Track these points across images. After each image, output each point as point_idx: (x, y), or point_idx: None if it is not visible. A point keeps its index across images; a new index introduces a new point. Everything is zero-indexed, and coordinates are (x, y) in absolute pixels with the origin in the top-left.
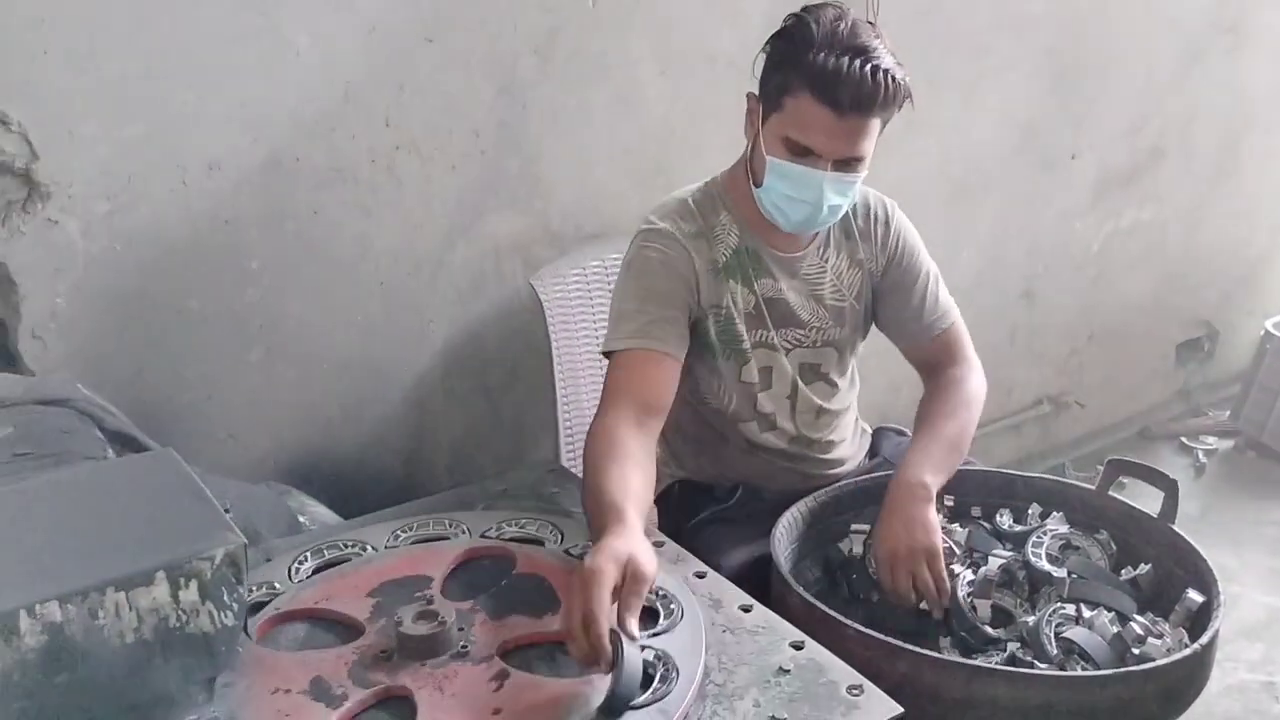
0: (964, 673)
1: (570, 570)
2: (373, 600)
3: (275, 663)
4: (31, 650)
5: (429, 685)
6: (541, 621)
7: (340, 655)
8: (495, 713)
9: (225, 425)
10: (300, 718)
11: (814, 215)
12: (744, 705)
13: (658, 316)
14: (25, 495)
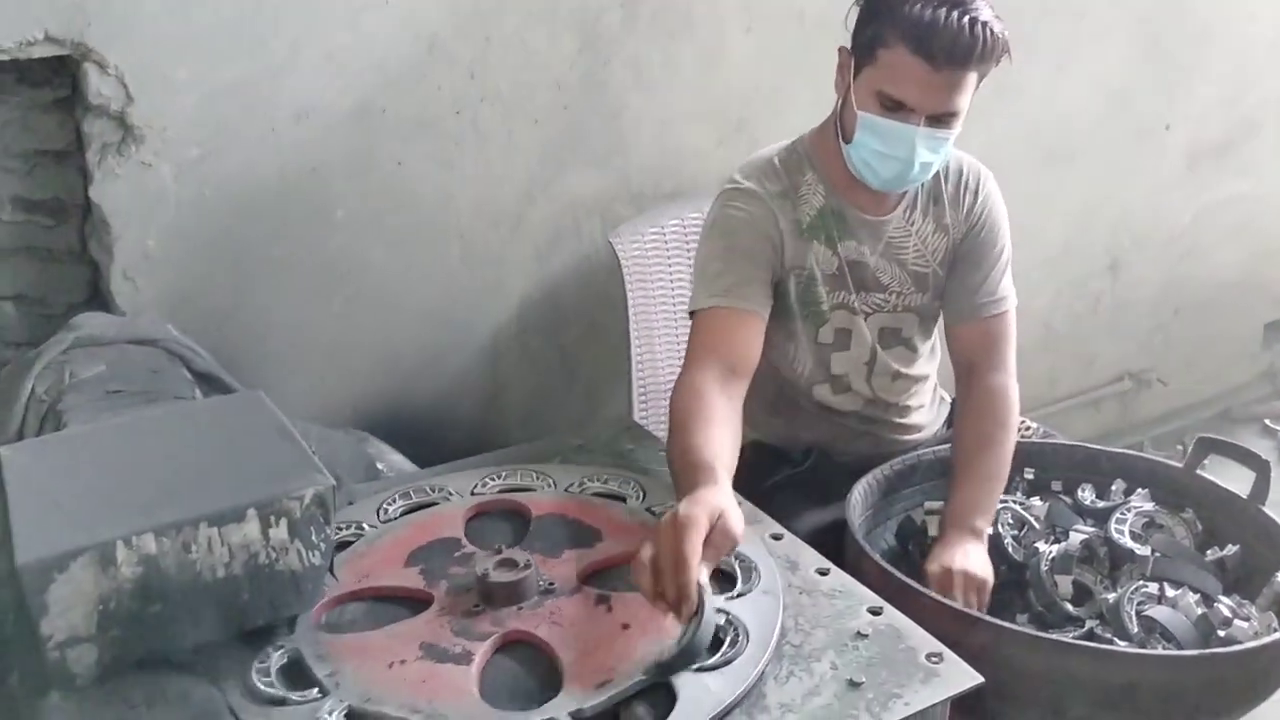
0: (1045, 647)
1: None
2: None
3: (367, 643)
4: (128, 580)
5: (543, 623)
6: (597, 550)
7: (428, 620)
8: (625, 627)
9: (308, 371)
10: (442, 679)
11: (905, 172)
12: (821, 667)
13: (743, 276)
14: (120, 431)
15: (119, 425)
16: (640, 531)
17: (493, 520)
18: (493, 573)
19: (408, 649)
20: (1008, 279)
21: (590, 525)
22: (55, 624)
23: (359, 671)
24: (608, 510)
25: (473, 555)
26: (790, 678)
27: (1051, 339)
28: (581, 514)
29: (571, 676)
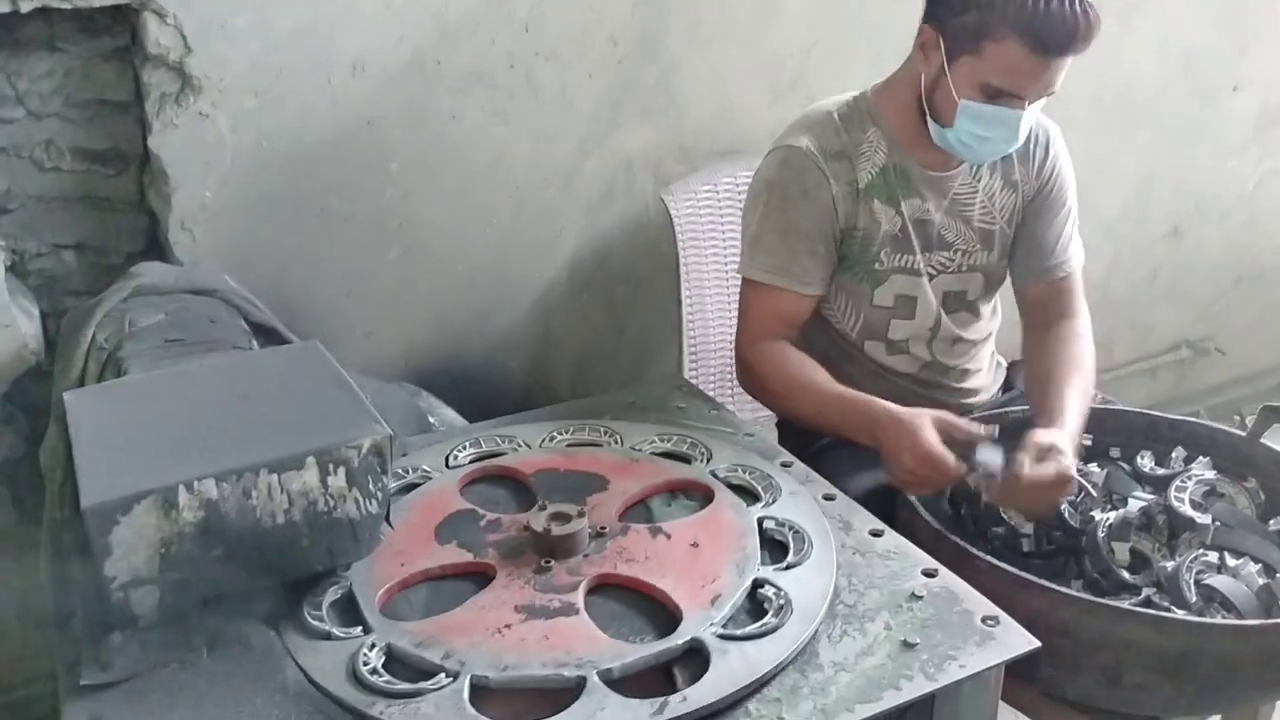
0: (1102, 613)
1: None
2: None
3: (463, 619)
4: (189, 524)
5: (617, 561)
6: (613, 493)
7: (508, 586)
8: (694, 545)
9: (361, 324)
10: (566, 631)
11: (1004, 148)
12: (875, 627)
13: (801, 251)
14: (181, 379)
15: (179, 373)
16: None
17: (556, 477)
18: (553, 528)
19: (503, 615)
20: (1077, 236)
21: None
22: (118, 566)
23: (476, 647)
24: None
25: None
26: (844, 637)
27: (1109, 306)
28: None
29: (681, 598)
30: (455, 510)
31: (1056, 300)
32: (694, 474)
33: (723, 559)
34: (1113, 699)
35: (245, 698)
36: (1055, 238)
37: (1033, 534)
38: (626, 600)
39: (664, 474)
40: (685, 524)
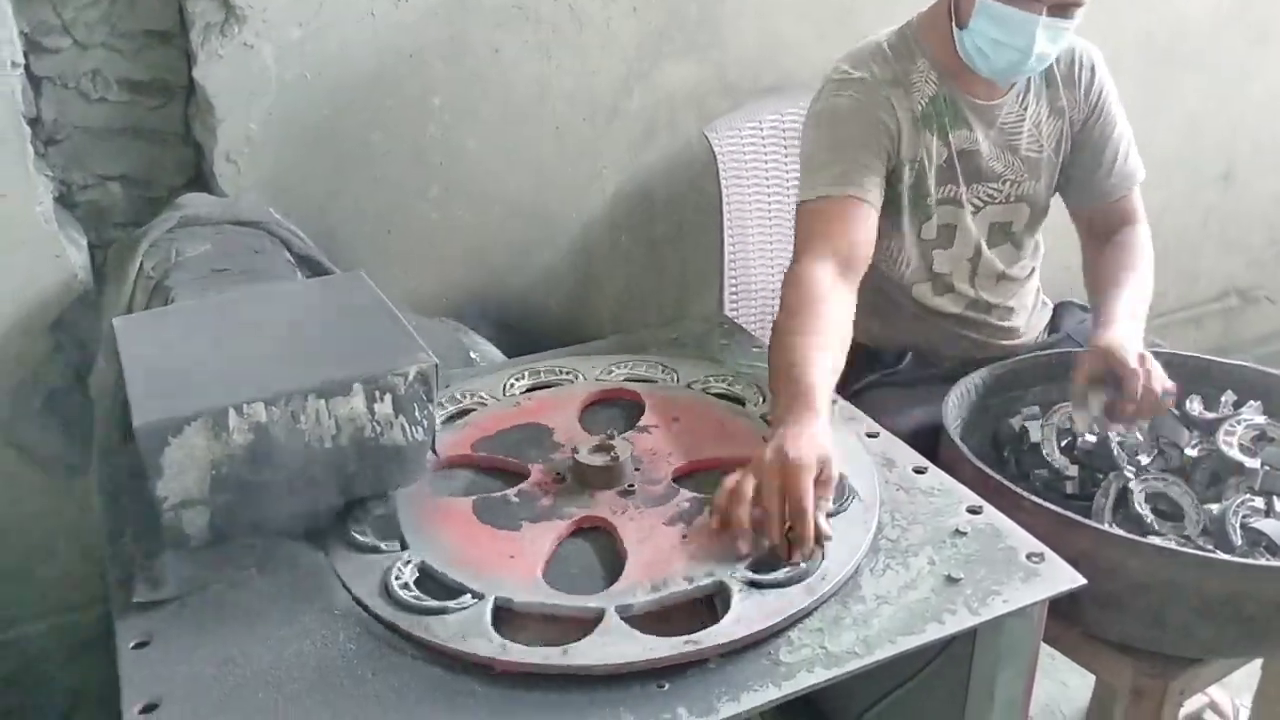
0: (1147, 553)
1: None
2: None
3: (496, 542)
4: (239, 447)
5: (620, 514)
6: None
7: (545, 514)
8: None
9: (402, 260)
10: (593, 563)
11: (1020, 63)
12: (918, 562)
13: (855, 163)
14: (228, 306)
15: (227, 301)
16: (751, 441)
17: (608, 409)
18: (595, 460)
19: (538, 542)
20: (1134, 153)
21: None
22: (170, 486)
23: (503, 571)
24: (720, 414)
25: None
26: (887, 571)
27: (1157, 251)
28: (693, 415)
29: (633, 569)
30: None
31: (1115, 217)
32: (746, 420)
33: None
34: (1155, 640)
35: (294, 615)
36: (1112, 159)
37: (1076, 476)
38: (601, 550)
39: (716, 418)
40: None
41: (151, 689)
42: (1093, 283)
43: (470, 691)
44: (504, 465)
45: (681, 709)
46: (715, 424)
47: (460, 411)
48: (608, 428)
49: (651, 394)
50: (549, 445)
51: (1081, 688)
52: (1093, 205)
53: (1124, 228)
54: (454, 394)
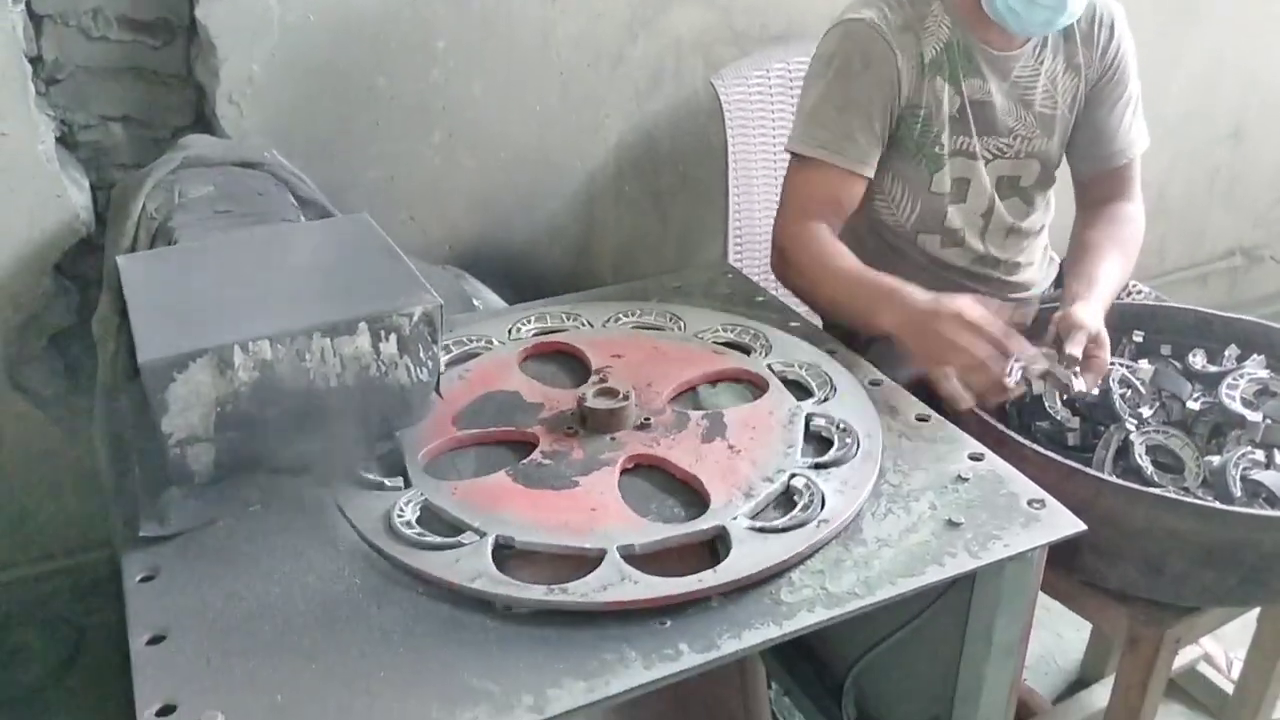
0: (1147, 501)
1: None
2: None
3: (499, 483)
4: (244, 384)
5: (656, 443)
6: (668, 377)
7: (548, 456)
8: (737, 436)
9: (406, 207)
10: (595, 505)
11: (1053, 19)
12: (919, 506)
13: (854, 127)
14: (233, 246)
15: (231, 241)
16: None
17: (545, 363)
18: (599, 404)
19: (541, 482)
20: (1140, 121)
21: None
22: (175, 423)
23: (505, 510)
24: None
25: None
26: (888, 515)
27: (1163, 209)
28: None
29: (714, 486)
30: (510, 381)
31: (1113, 185)
32: (751, 365)
33: (763, 452)
34: (1154, 588)
35: (300, 551)
36: (1117, 124)
37: (1078, 428)
38: (660, 483)
39: (721, 364)
40: (731, 413)
41: (158, 621)
42: (1075, 250)
43: (477, 626)
44: (507, 437)
45: (684, 645)
46: (653, 351)
47: (464, 355)
48: (559, 380)
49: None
50: (525, 406)
51: (1076, 641)
52: (1094, 168)
53: (1119, 201)
54: (460, 337)
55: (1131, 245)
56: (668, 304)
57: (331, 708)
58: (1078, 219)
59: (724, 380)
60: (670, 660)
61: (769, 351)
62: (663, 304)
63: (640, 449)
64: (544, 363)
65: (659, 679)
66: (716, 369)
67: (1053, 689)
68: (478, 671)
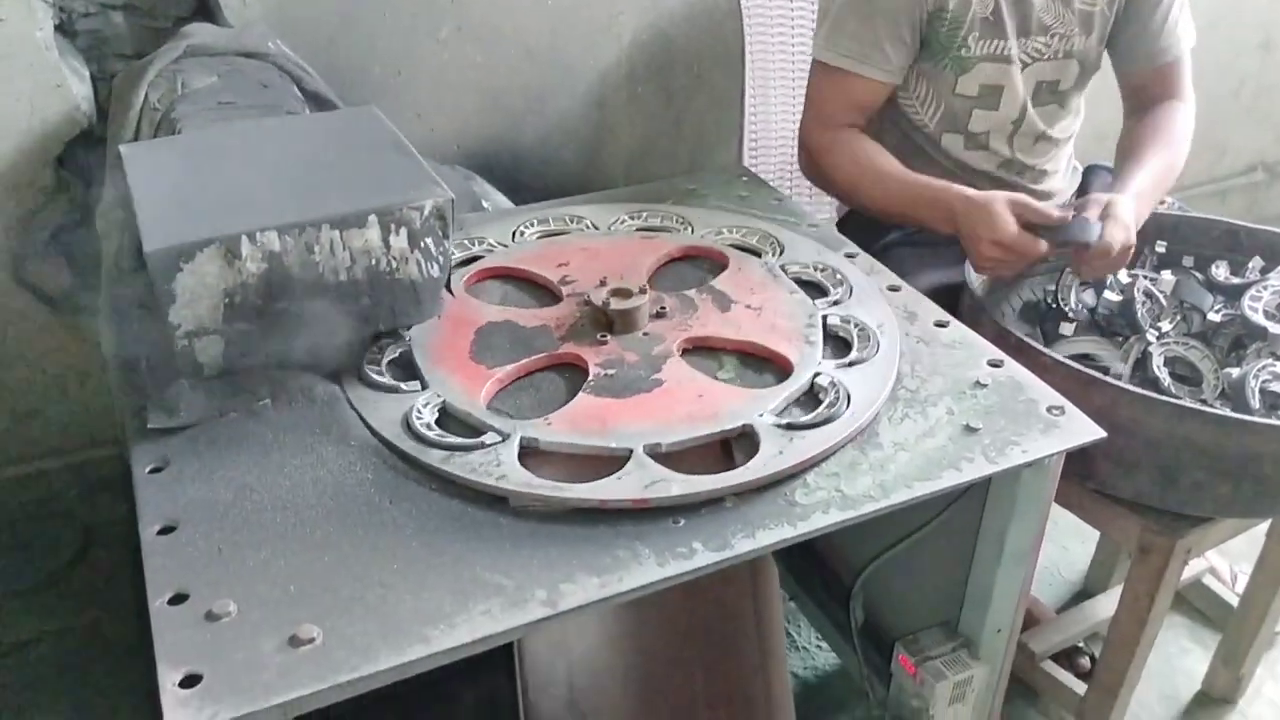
0: (1167, 411)
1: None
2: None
3: (516, 384)
4: (252, 276)
5: (674, 342)
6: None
7: (562, 357)
8: (754, 339)
9: (413, 104)
10: (617, 404)
11: None
12: (936, 412)
13: (885, 37)
14: (239, 137)
15: (237, 131)
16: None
17: (696, 266)
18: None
19: (560, 383)
20: (1186, 16)
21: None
22: (182, 314)
23: (526, 411)
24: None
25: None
26: (905, 419)
27: None
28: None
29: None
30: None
31: (1161, 84)
32: (700, 241)
33: (784, 351)
34: (1167, 499)
35: (311, 446)
36: (1162, 19)
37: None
38: (717, 358)
39: (777, 308)
40: (722, 282)
41: (168, 512)
42: (1120, 152)
43: (490, 523)
44: (534, 278)
45: (697, 543)
46: (772, 311)
47: (471, 257)
48: (688, 282)
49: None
50: (529, 332)
51: (1082, 554)
52: (1139, 68)
53: (1167, 101)
54: (465, 238)
55: (1180, 144)
56: (679, 206)
57: (344, 598)
58: (1124, 127)
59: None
60: (684, 559)
61: (780, 253)
62: (674, 206)
63: (659, 349)
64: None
65: (672, 576)
66: (758, 344)
67: (1056, 600)
68: (490, 566)
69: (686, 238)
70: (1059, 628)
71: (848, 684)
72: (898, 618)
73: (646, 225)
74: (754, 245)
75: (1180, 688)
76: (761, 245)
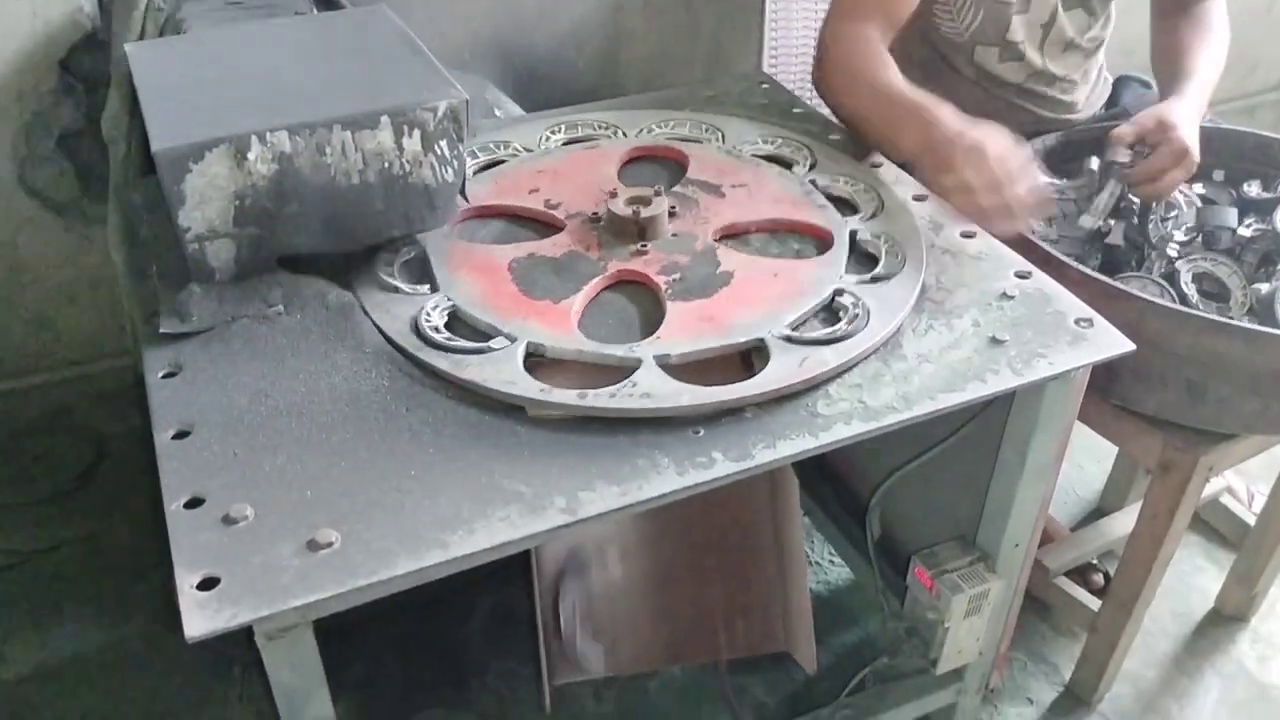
0: (1196, 325)
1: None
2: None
3: (528, 289)
4: (262, 177)
5: (693, 255)
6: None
7: (578, 262)
8: (778, 249)
9: (423, 9)
10: (627, 314)
11: None
12: (962, 324)
13: None
14: (247, 37)
15: (245, 32)
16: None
17: (651, 166)
18: (630, 211)
19: (571, 291)
20: None
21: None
22: (192, 216)
23: (535, 317)
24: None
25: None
26: (929, 331)
27: None
28: (735, 177)
29: (672, 322)
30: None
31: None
32: (817, 218)
33: (806, 266)
34: (1193, 414)
35: (325, 352)
36: None
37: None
38: (640, 303)
39: (766, 184)
40: (745, 193)
41: (182, 416)
42: (1160, 59)
43: (507, 431)
44: (537, 216)
45: (717, 453)
46: (762, 189)
47: (491, 162)
48: (652, 183)
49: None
50: (581, 201)
51: (1097, 473)
52: None
53: (1199, 3)
54: (485, 143)
55: (1219, 46)
56: (702, 114)
57: (361, 503)
58: (1155, 26)
59: (775, 230)
60: (704, 468)
61: (812, 166)
62: (696, 114)
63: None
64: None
65: (692, 485)
66: (767, 218)
67: (1071, 519)
68: (508, 474)
69: (633, 142)
70: (1073, 544)
71: (860, 598)
72: (914, 532)
73: (675, 135)
74: (788, 156)
75: (1193, 605)
76: (795, 156)
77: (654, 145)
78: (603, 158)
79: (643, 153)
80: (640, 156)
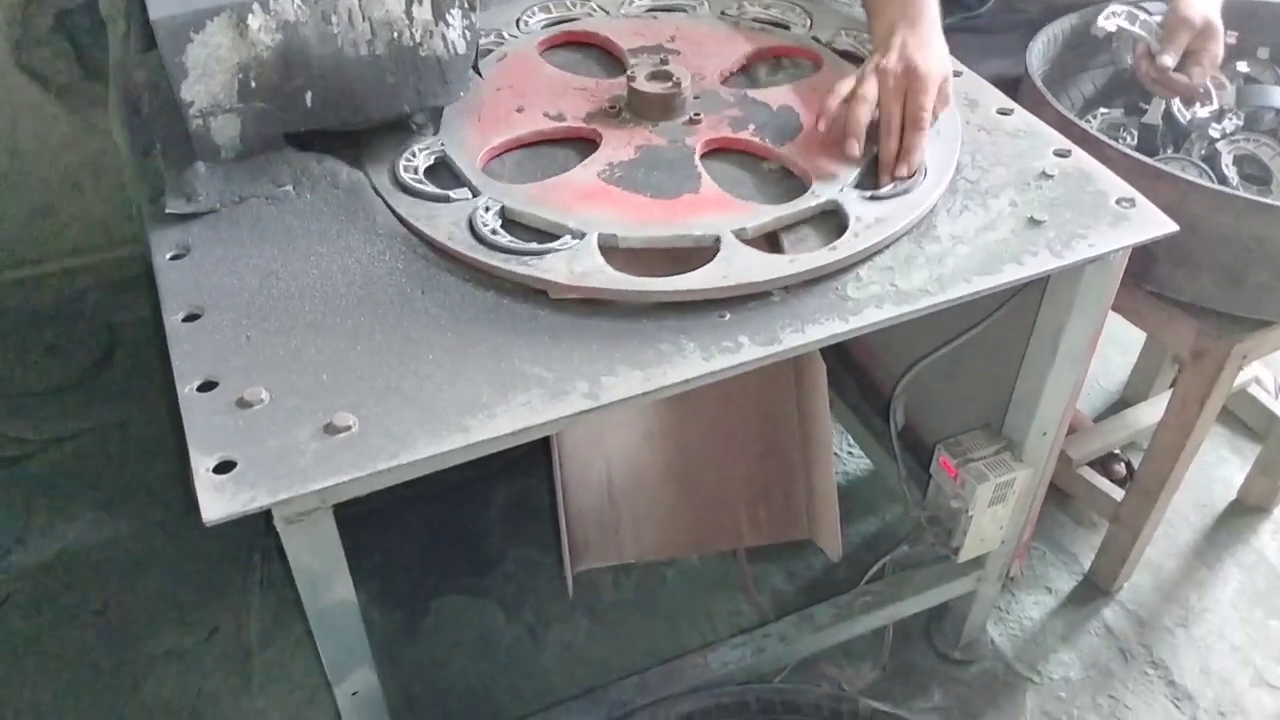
0: (1239, 206)
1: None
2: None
3: (578, 183)
4: (266, 48)
5: (728, 126)
6: (711, 60)
7: (616, 151)
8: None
9: None
10: (688, 195)
11: None
12: (999, 204)
13: None
14: None
15: None
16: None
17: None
18: (655, 88)
19: (622, 179)
20: None
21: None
22: (195, 90)
23: (594, 210)
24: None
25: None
26: (964, 211)
27: None
28: (735, 44)
29: (804, 163)
30: (541, 75)
31: None
32: (797, 40)
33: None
34: (1230, 300)
35: (337, 233)
36: None
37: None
38: (744, 164)
39: (764, 41)
40: (795, 90)
41: (192, 298)
42: None
43: (527, 315)
44: (568, 134)
45: (743, 338)
46: (768, 46)
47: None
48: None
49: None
50: (590, 87)
51: (1122, 364)
52: None
53: None
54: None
55: None
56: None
57: (379, 386)
58: None
59: (777, 56)
60: (730, 353)
61: (811, 25)
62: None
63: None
64: (570, 53)
65: (718, 370)
66: (766, 46)
67: (1094, 410)
68: (529, 358)
69: (724, 20)
70: (1098, 434)
71: (878, 489)
72: (938, 421)
73: (659, 5)
74: (780, 18)
75: (1216, 496)
76: (789, 17)
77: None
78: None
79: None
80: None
